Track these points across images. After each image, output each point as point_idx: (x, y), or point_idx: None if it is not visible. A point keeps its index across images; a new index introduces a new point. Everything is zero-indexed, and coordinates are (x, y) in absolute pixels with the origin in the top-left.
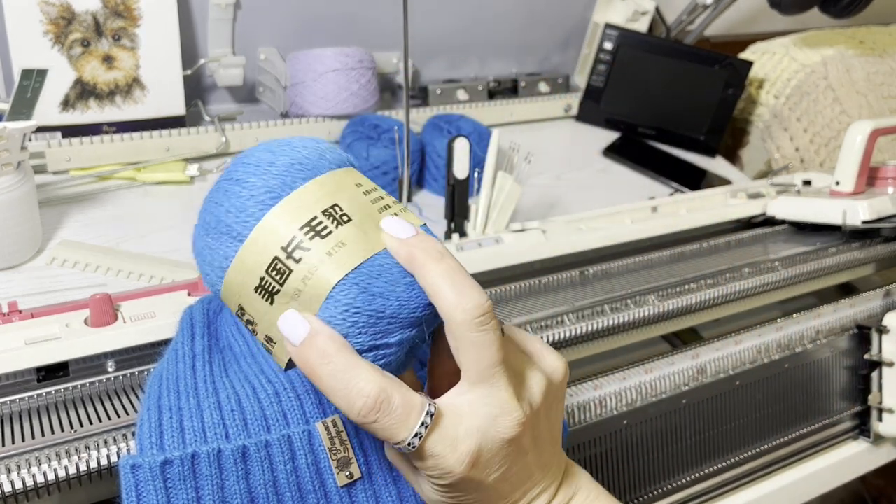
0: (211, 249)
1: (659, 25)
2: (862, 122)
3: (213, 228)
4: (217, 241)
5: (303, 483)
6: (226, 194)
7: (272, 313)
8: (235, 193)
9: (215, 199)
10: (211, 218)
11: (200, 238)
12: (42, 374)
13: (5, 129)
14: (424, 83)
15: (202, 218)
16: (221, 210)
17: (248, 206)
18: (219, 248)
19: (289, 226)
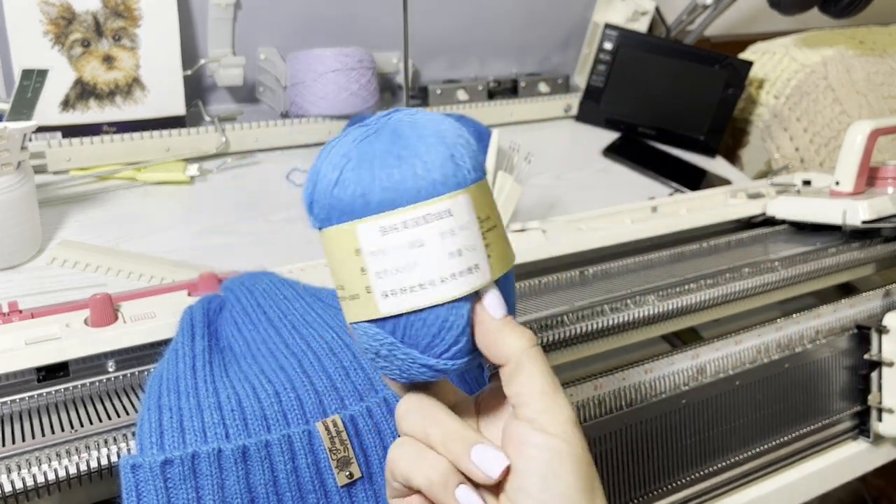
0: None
1: (659, 25)
2: (862, 122)
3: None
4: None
5: (303, 483)
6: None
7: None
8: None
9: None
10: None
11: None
12: (42, 374)
13: (6, 129)
14: (424, 83)
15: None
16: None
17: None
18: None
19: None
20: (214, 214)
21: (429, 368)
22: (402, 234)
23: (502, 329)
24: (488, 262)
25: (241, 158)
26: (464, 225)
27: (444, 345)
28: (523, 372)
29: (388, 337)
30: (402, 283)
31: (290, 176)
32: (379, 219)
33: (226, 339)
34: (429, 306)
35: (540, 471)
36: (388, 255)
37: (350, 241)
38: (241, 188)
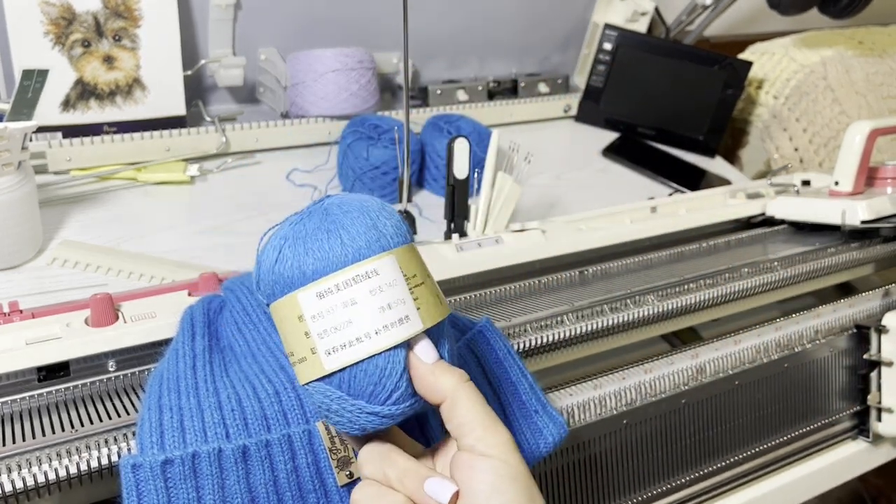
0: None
1: (658, 26)
2: (861, 122)
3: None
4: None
5: (303, 482)
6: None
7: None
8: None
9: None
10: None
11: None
12: (43, 374)
13: (6, 130)
14: (424, 83)
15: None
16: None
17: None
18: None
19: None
20: (215, 214)
21: (375, 416)
22: (337, 296)
23: (434, 372)
24: (418, 314)
25: (242, 158)
26: (390, 282)
27: (386, 391)
28: (460, 406)
29: (335, 391)
30: (342, 340)
31: (290, 176)
32: (315, 286)
33: (226, 339)
34: (367, 357)
35: (485, 490)
36: (326, 316)
37: (293, 309)
38: (242, 188)
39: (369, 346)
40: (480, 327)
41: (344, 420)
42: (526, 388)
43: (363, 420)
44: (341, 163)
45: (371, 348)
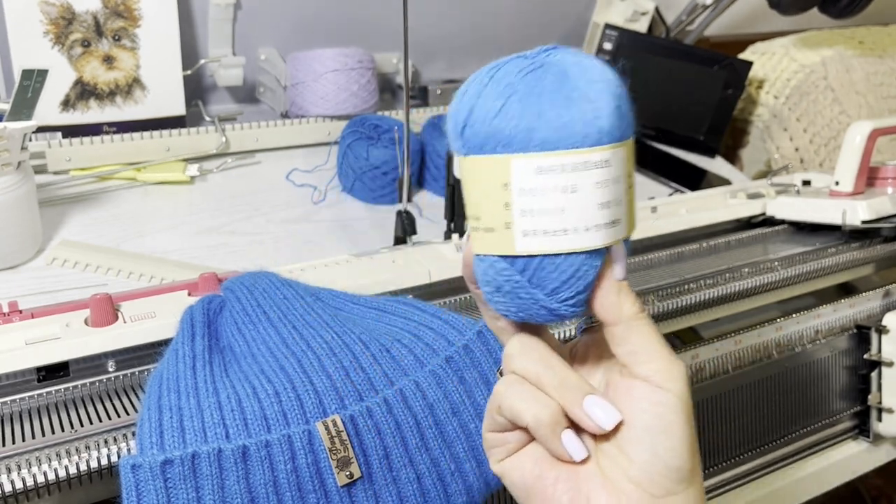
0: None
1: (659, 26)
2: (861, 122)
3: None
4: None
5: (303, 483)
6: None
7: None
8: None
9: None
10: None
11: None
12: (42, 374)
13: (6, 129)
14: (424, 83)
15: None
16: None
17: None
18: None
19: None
20: (214, 214)
21: (549, 312)
22: (559, 177)
23: (621, 291)
24: (627, 219)
25: (242, 158)
26: (617, 178)
27: (571, 292)
28: (638, 332)
29: (516, 275)
30: (546, 226)
31: (290, 176)
32: (539, 157)
33: (226, 339)
34: (568, 252)
35: (654, 424)
36: (538, 195)
37: (501, 173)
38: (242, 188)
39: (575, 242)
40: (480, 327)
41: (510, 304)
42: None
43: (533, 312)
44: (341, 163)
45: (577, 244)
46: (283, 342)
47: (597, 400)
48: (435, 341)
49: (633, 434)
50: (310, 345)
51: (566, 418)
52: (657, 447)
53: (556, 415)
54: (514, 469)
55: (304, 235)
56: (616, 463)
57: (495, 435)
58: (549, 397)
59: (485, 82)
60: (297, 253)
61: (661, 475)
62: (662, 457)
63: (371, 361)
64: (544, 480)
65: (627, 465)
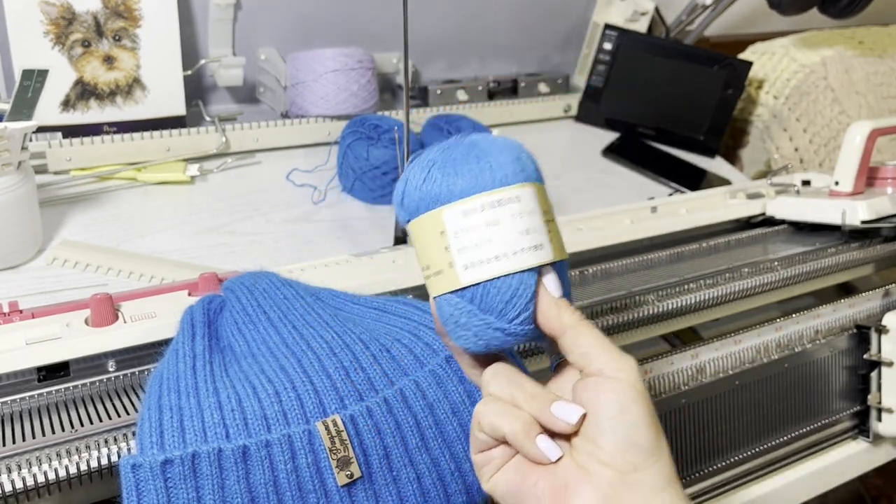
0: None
1: (658, 26)
2: (861, 122)
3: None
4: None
5: (303, 482)
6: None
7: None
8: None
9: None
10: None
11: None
12: (43, 374)
13: (6, 129)
14: (424, 83)
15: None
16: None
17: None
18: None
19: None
20: (215, 214)
21: (502, 332)
22: (481, 215)
23: (559, 305)
24: (550, 245)
25: (242, 158)
26: (530, 210)
27: (515, 311)
28: (584, 336)
29: (467, 305)
30: (481, 256)
31: (290, 176)
32: (462, 203)
33: (226, 339)
34: (502, 275)
35: (613, 410)
36: (468, 233)
37: (436, 224)
38: (242, 188)
39: (506, 265)
40: None
41: (469, 334)
42: None
43: (489, 335)
44: (341, 163)
45: (508, 267)
46: (284, 342)
47: (561, 403)
48: (435, 341)
49: (597, 421)
50: (310, 345)
51: (538, 426)
52: (618, 427)
53: (528, 423)
54: (501, 482)
55: (304, 235)
56: (587, 453)
57: (482, 455)
58: (521, 409)
59: (412, 163)
60: (297, 253)
61: (626, 452)
62: (624, 434)
63: (371, 361)
64: (527, 483)
65: (596, 450)
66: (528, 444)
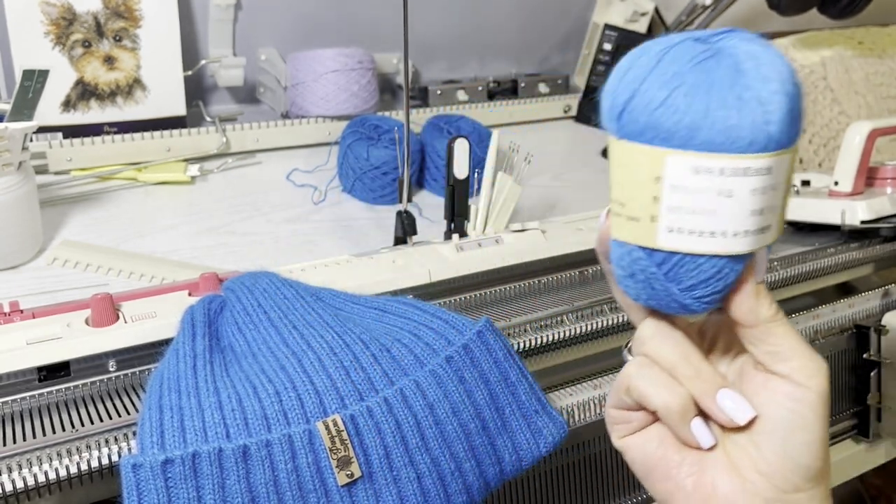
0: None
1: (658, 26)
2: (861, 122)
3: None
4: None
5: (303, 482)
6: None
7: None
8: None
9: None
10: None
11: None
12: (43, 374)
13: (6, 130)
14: (424, 84)
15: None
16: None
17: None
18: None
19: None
20: (215, 214)
21: (679, 305)
22: (716, 180)
23: (759, 294)
24: (776, 226)
25: (242, 159)
26: (775, 185)
27: (707, 291)
28: (778, 331)
29: (652, 267)
30: (693, 226)
31: (291, 176)
32: (698, 157)
33: (227, 339)
34: (711, 254)
35: (791, 420)
36: (690, 194)
37: (655, 166)
38: (242, 188)
39: (721, 245)
40: (480, 327)
41: (640, 291)
42: (526, 388)
43: (664, 303)
44: (341, 163)
45: (723, 248)
46: (284, 342)
47: (730, 394)
48: (435, 341)
49: (768, 427)
50: (310, 344)
51: (696, 407)
52: (791, 443)
53: (686, 403)
54: (637, 447)
55: (305, 235)
56: (745, 452)
57: (619, 412)
58: (681, 385)
59: (651, 66)
60: (297, 253)
61: (791, 471)
62: (795, 453)
63: (371, 361)
64: (668, 462)
65: (757, 456)
66: (682, 425)
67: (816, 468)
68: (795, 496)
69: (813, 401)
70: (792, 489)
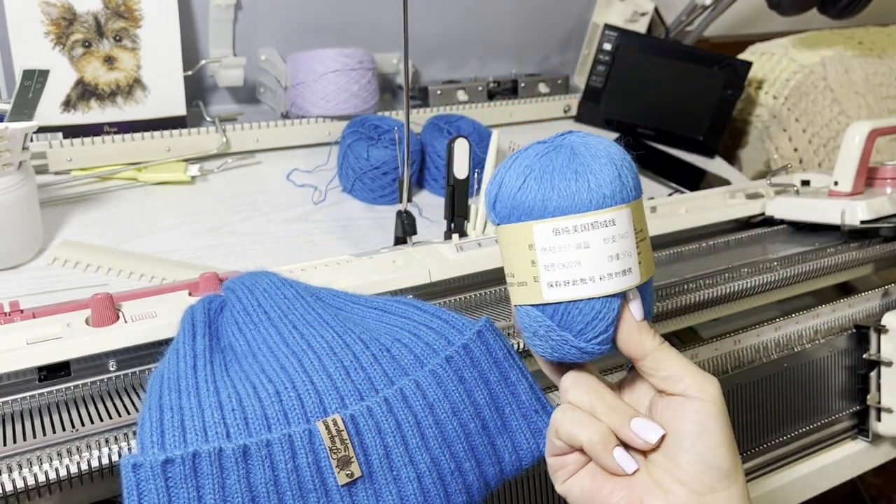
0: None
1: (658, 26)
2: (860, 122)
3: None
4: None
5: (303, 482)
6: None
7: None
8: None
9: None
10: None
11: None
12: (43, 374)
13: (7, 130)
14: (424, 84)
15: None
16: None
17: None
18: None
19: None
20: (215, 214)
21: (578, 350)
22: (572, 237)
23: (641, 329)
24: (639, 268)
25: (242, 159)
26: (623, 234)
27: (595, 332)
28: (666, 359)
29: (547, 320)
30: (567, 277)
31: (291, 176)
32: (554, 221)
33: (227, 339)
34: (587, 298)
35: (694, 429)
36: (557, 252)
37: (526, 236)
38: (242, 188)
39: (592, 289)
40: (480, 327)
41: (545, 346)
42: (526, 388)
43: (565, 351)
44: (341, 163)
45: (593, 291)
46: (284, 342)
47: (642, 420)
48: (435, 341)
49: (677, 440)
50: (310, 344)
51: (615, 438)
52: (698, 448)
53: (606, 435)
54: (575, 487)
55: (305, 235)
56: (664, 469)
57: (557, 459)
58: (599, 421)
59: (508, 165)
60: (297, 253)
61: (704, 473)
62: (704, 456)
63: (371, 361)
64: (602, 492)
65: (674, 469)
66: (605, 455)
67: (726, 468)
68: (713, 497)
69: (710, 410)
70: (708, 491)
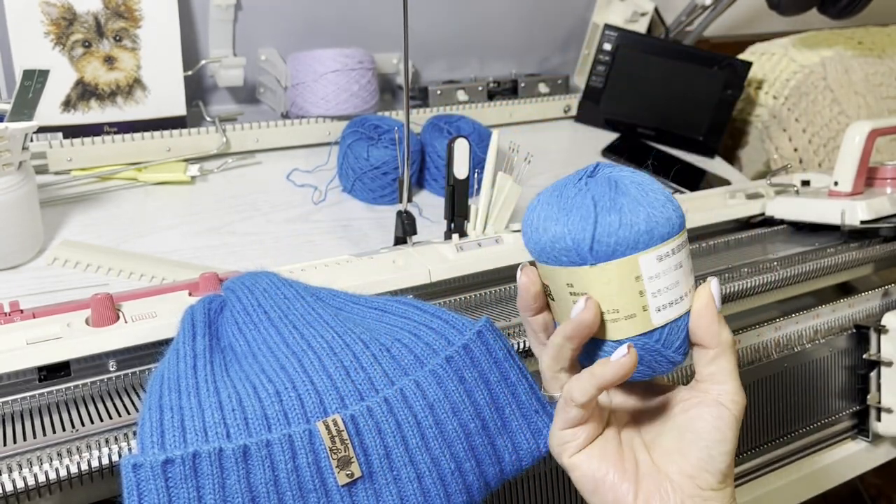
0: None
1: (658, 26)
2: (860, 122)
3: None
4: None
5: (303, 482)
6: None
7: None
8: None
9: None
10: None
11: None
12: (43, 374)
13: (7, 130)
14: (424, 84)
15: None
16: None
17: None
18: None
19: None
20: (215, 214)
21: (671, 363)
22: (672, 259)
23: (721, 320)
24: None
25: (242, 159)
26: (689, 250)
27: (684, 341)
28: (725, 359)
29: (652, 344)
30: (670, 299)
31: (291, 176)
32: (658, 249)
33: (227, 339)
34: (684, 313)
35: (714, 436)
36: (661, 277)
37: (632, 269)
38: (242, 188)
39: (688, 303)
40: (480, 327)
41: (646, 369)
42: (526, 388)
43: (659, 366)
44: (341, 163)
45: (689, 305)
46: (284, 342)
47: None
48: (435, 341)
49: (694, 438)
50: (310, 344)
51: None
52: (712, 451)
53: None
54: (583, 462)
55: (305, 235)
56: (673, 462)
57: (566, 431)
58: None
59: (589, 207)
60: (297, 253)
61: (710, 473)
62: (714, 459)
63: (371, 361)
64: (610, 478)
65: (683, 461)
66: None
67: (728, 472)
68: (711, 493)
69: (733, 422)
70: (708, 487)
